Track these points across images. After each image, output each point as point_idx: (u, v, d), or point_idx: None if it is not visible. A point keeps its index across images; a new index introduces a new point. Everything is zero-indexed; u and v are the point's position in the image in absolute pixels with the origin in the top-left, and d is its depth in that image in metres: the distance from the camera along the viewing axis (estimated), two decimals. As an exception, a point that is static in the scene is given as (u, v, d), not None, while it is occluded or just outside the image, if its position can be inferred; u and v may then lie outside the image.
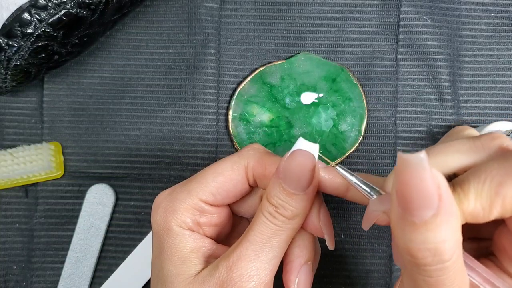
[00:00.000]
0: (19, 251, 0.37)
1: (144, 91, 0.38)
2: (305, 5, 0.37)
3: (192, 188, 0.24)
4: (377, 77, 0.37)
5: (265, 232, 0.22)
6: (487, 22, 0.37)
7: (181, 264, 0.23)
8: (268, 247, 0.22)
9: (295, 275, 0.24)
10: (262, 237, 0.22)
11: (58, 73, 0.38)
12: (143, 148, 0.37)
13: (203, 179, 0.24)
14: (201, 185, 0.24)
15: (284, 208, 0.22)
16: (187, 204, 0.24)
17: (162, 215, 0.24)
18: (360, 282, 0.37)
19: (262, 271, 0.22)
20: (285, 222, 0.23)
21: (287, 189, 0.22)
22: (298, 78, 0.37)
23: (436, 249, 0.16)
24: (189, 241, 0.24)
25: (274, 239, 0.22)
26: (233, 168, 0.24)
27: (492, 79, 0.37)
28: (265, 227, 0.22)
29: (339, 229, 0.37)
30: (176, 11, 0.38)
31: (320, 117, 0.37)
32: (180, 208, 0.24)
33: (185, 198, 0.24)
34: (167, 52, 0.38)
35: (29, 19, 0.29)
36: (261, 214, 0.23)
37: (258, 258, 0.22)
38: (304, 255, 0.24)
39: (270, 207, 0.23)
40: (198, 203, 0.24)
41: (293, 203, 0.22)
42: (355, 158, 0.37)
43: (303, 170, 0.22)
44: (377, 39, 0.37)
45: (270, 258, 0.22)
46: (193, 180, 0.25)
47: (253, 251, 0.22)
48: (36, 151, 0.36)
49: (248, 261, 0.22)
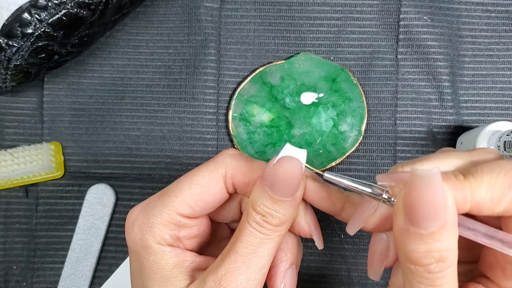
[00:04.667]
0: (19, 251, 0.37)
1: (144, 91, 0.38)
2: (305, 5, 0.37)
3: (168, 202, 0.23)
4: (377, 77, 0.37)
5: (253, 242, 0.22)
6: (487, 22, 0.37)
7: (165, 282, 0.22)
8: (257, 257, 0.22)
9: (280, 280, 0.24)
10: (251, 248, 0.22)
11: (58, 73, 0.38)
12: (143, 148, 0.37)
13: (178, 191, 0.23)
14: (177, 198, 0.23)
15: (271, 216, 0.22)
16: (164, 219, 0.23)
17: (138, 232, 0.23)
18: (360, 282, 0.37)
19: (252, 282, 0.22)
20: (273, 230, 0.22)
21: (274, 197, 0.21)
22: (298, 78, 0.37)
23: (440, 256, 0.18)
24: (170, 258, 0.23)
25: (263, 248, 0.22)
26: (210, 178, 0.23)
27: (492, 79, 0.37)
28: (253, 237, 0.22)
29: (339, 229, 0.37)
30: (176, 11, 0.38)
31: (320, 117, 0.37)
32: (157, 224, 0.23)
33: (161, 213, 0.23)
34: (167, 52, 0.38)
35: (29, 19, 0.29)
36: (248, 224, 0.22)
37: (248, 269, 0.21)
38: (289, 259, 0.24)
39: (257, 215, 0.22)
40: (175, 217, 0.23)
41: (281, 210, 0.22)
42: (355, 158, 0.37)
43: (291, 177, 0.21)
44: (377, 39, 0.37)
45: (259, 268, 0.22)
46: (168, 193, 0.23)
47: (242, 262, 0.21)
48: (36, 151, 0.36)
49: (237, 274, 0.21)
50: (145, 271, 0.23)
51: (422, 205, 0.18)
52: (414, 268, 0.18)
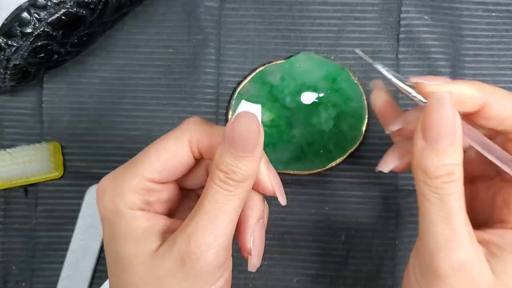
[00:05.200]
0: (19, 251, 0.37)
1: (144, 90, 0.38)
2: (306, 4, 0.37)
3: (137, 169, 0.24)
4: (378, 77, 0.37)
5: (219, 199, 0.23)
6: (488, 21, 0.37)
7: (138, 244, 0.23)
8: (223, 213, 0.23)
9: (249, 234, 0.25)
10: (216, 205, 0.23)
11: (57, 72, 0.38)
12: (143, 148, 0.37)
13: (146, 158, 0.24)
14: (146, 164, 0.24)
15: (234, 172, 0.23)
16: (134, 185, 0.24)
17: (109, 200, 0.24)
18: (360, 283, 0.36)
19: (220, 237, 0.23)
20: (236, 186, 0.23)
21: (235, 153, 0.22)
22: (299, 78, 0.37)
23: (451, 169, 0.22)
24: (142, 221, 0.24)
25: (228, 205, 0.23)
26: (176, 144, 0.25)
27: (493, 79, 0.37)
28: (218, 194, 0.23)
29: (340, 229, 0.37)
30: (176, 10, 0.38)
31: (321, 117, 0.37)
32: (128, 190, 0.24)
33: (131, 180, 0.24)
34: (167, 51, 0.38)
35: (28, 18, 0.29)
36: (212, 182, 0.23)
37: (215, 226, 0.22)
38: (255, 215, 0.25)
39: (220, 173, 0.23)
40: (145, 183, 0.24)
41: (243, 166, 0.23)
42: (355, 158, 0.37)
43: (249, 131, 0.22)
44: (378, 39, 0.37)
45: (226, 224, 0.23)
46: (136, 160, 0.25)
47: (208, 220, 0.22)
48: (35, 151, 0.36)
49: (205, 230, 0.22)
50: (118, 236, 0.24)
51: (437, 124, 0.22)
52: (430, 181, 0.22)
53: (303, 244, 0.37)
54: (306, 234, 0.37)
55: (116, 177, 0.24)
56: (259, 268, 0.37)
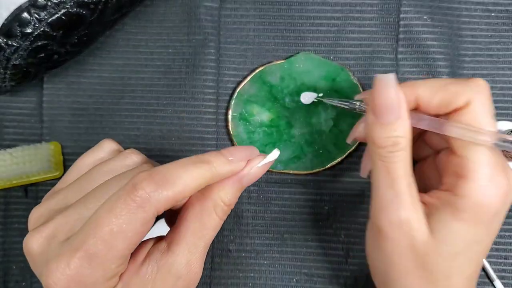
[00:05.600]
0: (19, 251, 0.37)
1: (144, 90, 0.38)
2: (305, 4, 0.37)
3: (103, 263, 0.22)
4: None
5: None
6: (487, 21, 0.37)
7: None
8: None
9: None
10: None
11: (57, 72, 0.38)
12: (142, 148, 0.37)
13: (110, 247, 0.22)
14: (111, 256, 0.22)
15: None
16: (102, 277, 0.22)
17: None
18: (360, 283, 0.37)
19: None
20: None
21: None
22: (298, 78, 0.37)
23: (396, 141, 0.25)
24: None
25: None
26: (143, 227, 0.22)
27: (492, 79, 0.37)
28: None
29: (339, 229, 0.37)
30: (175, 10, 0.38)
31: (320, 117, 0.37)
32: (98, 284, 0.22)
33: (97, 281, 0.22)
34: (167, 51, 0.38)
35: (28, 18, 0.29)
36: (217, 217, 0.25)
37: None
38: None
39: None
40: (113, 274, 0.23)
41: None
42: (355, 157, 0.37)
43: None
44: (377, 39, 0.37)
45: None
46: (96, 249, 0.22)
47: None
48: (35, 151, 0.36)
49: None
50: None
51: (382, 101, 0.25)
52: (377, 150, 0.25)
53: (302, 243, 0.37)
54: (305, 234, 0.37)
55: (76, 277, 0.22)
56: (259, 268, 0.37)
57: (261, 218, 0.37)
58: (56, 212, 0.25)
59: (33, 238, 0.24)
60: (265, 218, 0.37)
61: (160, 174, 0.23)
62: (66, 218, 0.24)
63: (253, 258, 0.37)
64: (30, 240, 0.24)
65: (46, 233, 0.24)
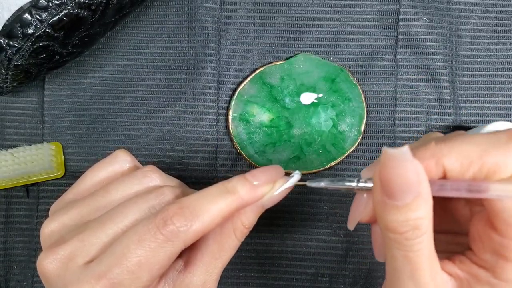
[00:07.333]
0: (20, 251, 0.37)
1: (145, 91, 0.38)
2: (305, 5, 0.38)
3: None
4: (376, 77, 0.37)
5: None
6: (486, 22, 0.37)
7: None
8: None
9: None
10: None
11: (58, 73, 0.38)
12: (143, 148, 0.38)
13: (135, 278, 0.22)
14: (134, 286, 0.22)
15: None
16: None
17: None
18: (360, 282, 0.37)
19: None
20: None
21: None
22: (298, 79, 0.37)
23: (415, 225, 0.20)
24: None
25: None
26: (170, 260, 0.23)
27: (491, 79, 0.37)
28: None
29: (339, 228, 0.37)
30: (176, 11, 0.38)
31: (320, 117, 0.37)
32: None
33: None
34: (168, 52, 0.38)
35: (29, 19, 0.29)
36: (236, 239, 0.26)
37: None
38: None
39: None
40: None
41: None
42: (354, 158, 0.37)
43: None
44: (376, 40, 0.37)
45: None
46: (121, 278, 0.22)
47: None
48: (36, 151, 0.36)
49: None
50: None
51: (396, 180, 0.20)
52: (393, 236, 0.20)
53: (302, 243, 0.37)
54: (305, 234, 0.37)
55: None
56: (259, 267, 0.37)
57: (261, 218, 0.37)
58: (70, 229, 0.25)
59: (48, 259, 0.23)
60: (265, 218, 0.37)
61: (190, 207, 0.23)
62: (84, 242, 0.23)
63: (253, 257, 0.37)
64: (45, 260, 0.24)
65: (61, 255, 0.23)
